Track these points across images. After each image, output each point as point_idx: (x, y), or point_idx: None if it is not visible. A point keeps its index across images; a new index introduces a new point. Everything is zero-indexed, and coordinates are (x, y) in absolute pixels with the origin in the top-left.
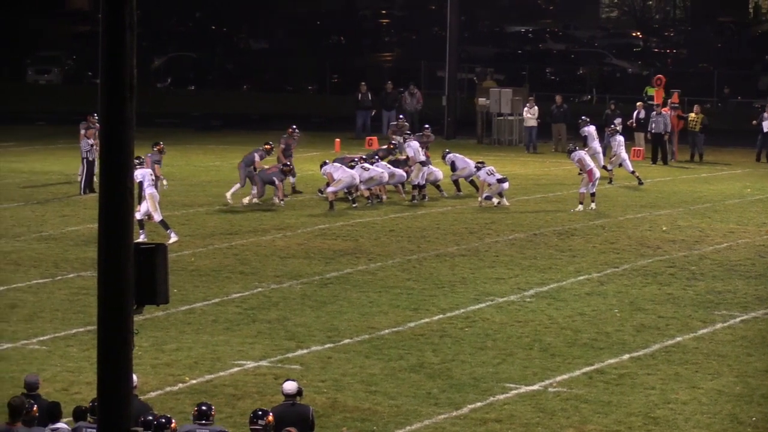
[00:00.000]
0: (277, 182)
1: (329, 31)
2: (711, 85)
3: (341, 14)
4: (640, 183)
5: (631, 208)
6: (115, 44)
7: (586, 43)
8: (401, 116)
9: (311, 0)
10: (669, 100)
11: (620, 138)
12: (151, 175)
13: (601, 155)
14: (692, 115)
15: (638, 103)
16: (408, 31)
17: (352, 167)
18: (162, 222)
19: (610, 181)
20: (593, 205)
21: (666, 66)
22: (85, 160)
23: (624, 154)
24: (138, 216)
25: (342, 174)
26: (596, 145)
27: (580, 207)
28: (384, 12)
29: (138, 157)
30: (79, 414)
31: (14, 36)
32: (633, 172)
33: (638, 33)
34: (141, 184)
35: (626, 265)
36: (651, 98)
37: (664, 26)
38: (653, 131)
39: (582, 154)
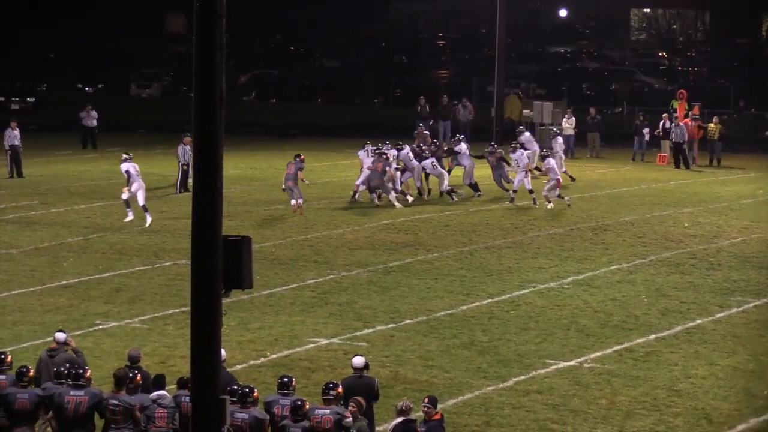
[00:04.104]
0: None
1: (393, 51)
2: (728, 99)
3: (404, 36)
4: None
5: (657, 207)
6: (207, 63)
7: (618, 61)
8: (421, 124)
9: (378, 24)
10: (690, 112)
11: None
12: (135, 168)
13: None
14: (711, 125)
15: (664, 115)
16: (462, 51)
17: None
18: (143, 206)
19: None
20: (551, 205)
21: (688, 82)
22: (180, 164)
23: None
24: (124, 196)
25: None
26: (535, 146)
27: (551, 205)
28: (441, 35)
29: (126, 153)
30: (182, 384)
31: (120, 56)
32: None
33: (664, 53)
34: (128, 172)
35: (652, 257)
36: (676, 110)
37: (687, 47)
38: (673, 140)
39: (553, 162)
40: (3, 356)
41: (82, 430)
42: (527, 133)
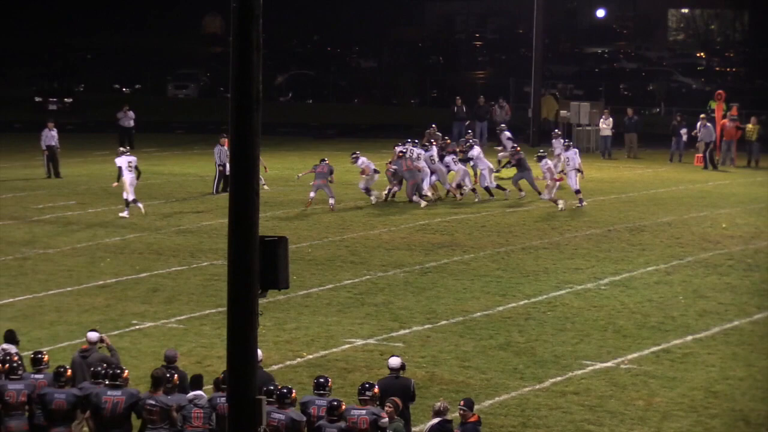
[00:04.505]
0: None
1: (429, 52)
2: (767, 99)
3: (440, 37)
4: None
5: (695, 208)
6: (244, 63)
7: (656, 62)
8: (433, 125)
9: (414, 24)
10: (729, 113)
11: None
12: (129, 162)
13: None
14: (749, 126)
15: (701, 116)
16: (498, 51)
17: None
18: (133, 200)
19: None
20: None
21: (726, 82)
22: (217, 165)
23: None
24: (125, 196)
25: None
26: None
27: (562, 203)
28: (477, 35)
29: (124, 146)
30: (219, 384)
31: (157, 56)
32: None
33: (702, 53)
34: (120, 168)
35: (690, 258)
36: (714, 111)
37: (725, 47)
38: (698, 141)
39: (550, 163)
40: (40, 356)
41: (119, 430)
42: (507, 133)
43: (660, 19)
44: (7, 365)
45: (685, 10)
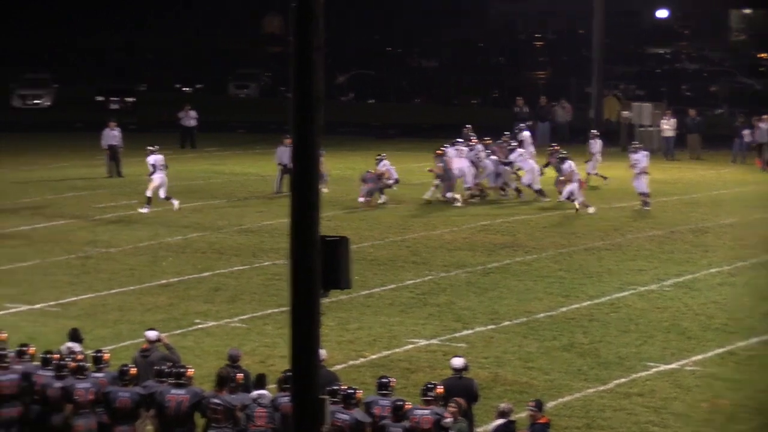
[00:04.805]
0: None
1: (491, 52)
2: None
3: (501, 37)
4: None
5: (758, 209)
6: (305, 63)
7: (718, 63)
8: (468, 125)
9: (475, 24)
10: None
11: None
12: (159, 160)
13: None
14: None
15: (764, 117)
16: (560, 52)
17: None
18: (166, 197)
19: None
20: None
21: None
22: (279, 164)
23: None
24: (149, 193)
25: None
26: (532, 149)
27: (592, 209)
28: (539, 35)
29: (152, 145)
30: (282, 383)
31: (218, 56)
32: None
33: (764, 54)
34: (154, 165)
35: (754, 259)
36: None
37: None
38: (750, 141)
39: (573, 165)
40: (100, 355)
41: (182, 428)
42: (526, 132)
43: (722, 19)
44: (75, 364)
45: (747, 11)
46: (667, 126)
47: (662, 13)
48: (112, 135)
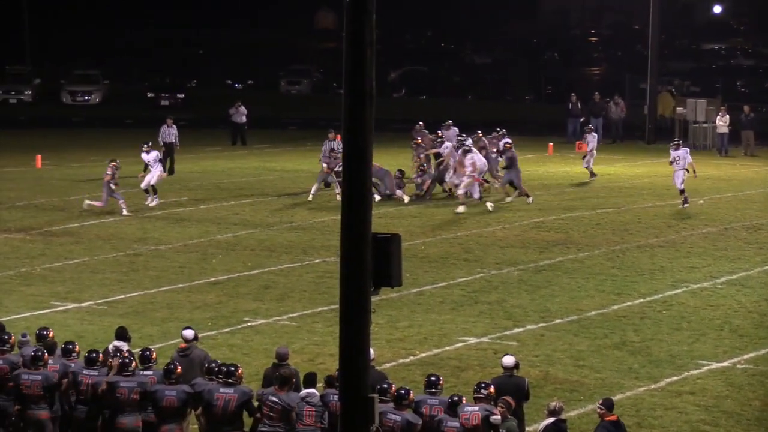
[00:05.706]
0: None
1: (544, 48)
2: None
3: (555, 32)
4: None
5: None
6: (357, 59)
7: None
8: (450, 121)
9: (529, 20)
10: None
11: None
12: (157, 157)
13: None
14: None
15: None
16: (614, 47)
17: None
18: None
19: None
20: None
21: None
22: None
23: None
24: (143, 185)
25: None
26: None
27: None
28: (593, 31)
29: (147, 143)
30: (331, 382)
31: (270, 52)
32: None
33: None
34: (160, 162)
35: None
36: None
37: None
38: None
39: (477, 158)
40: (148, 353)
41: (230, 427)
42: (454, 128)
43: None
44: (120, 362)
45: None
46: (722, 122)
47: (717, 9)
48: (170, 132)
